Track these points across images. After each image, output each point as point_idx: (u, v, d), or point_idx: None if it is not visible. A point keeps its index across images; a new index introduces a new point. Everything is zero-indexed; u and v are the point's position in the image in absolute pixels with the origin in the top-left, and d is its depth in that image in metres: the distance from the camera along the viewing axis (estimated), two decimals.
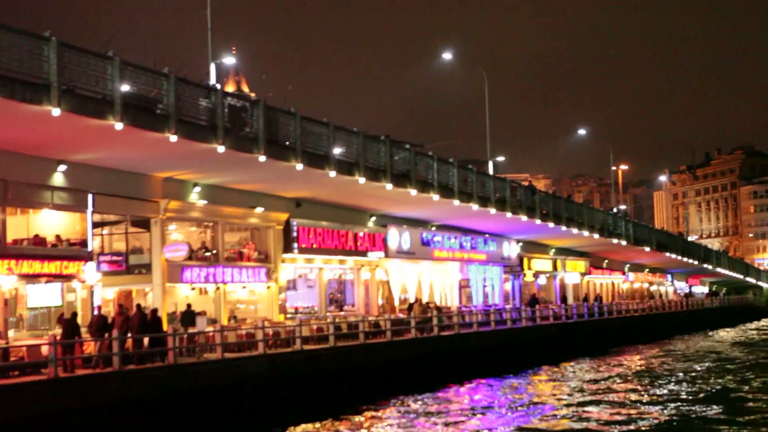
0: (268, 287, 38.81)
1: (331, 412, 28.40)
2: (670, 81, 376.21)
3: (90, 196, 30.62)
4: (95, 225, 31.79)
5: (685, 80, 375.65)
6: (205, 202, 35.62)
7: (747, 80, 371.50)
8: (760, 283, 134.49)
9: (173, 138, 28.35)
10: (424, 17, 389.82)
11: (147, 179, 33.35)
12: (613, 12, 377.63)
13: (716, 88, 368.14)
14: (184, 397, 25.10)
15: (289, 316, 38.85)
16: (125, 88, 26.63)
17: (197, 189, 35.26)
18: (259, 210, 38.29)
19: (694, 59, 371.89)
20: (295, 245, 39.77)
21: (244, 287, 38.23)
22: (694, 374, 41.06)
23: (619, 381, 38.39)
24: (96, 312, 27.66)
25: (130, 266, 33.76)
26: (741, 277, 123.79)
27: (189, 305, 31.31)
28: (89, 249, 30.71)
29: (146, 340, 26.66)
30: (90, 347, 26.37)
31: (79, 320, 27.11)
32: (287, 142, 33.93)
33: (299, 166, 34.29)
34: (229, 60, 59.64)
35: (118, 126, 26.28)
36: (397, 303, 46.55)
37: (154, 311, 28.69)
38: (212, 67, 39.38)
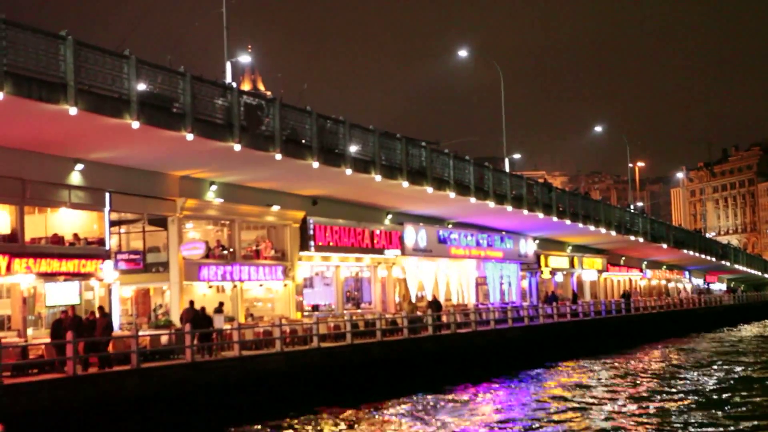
0: (285, 285, 38.87)
1: (350, 406, 28.44)
2: (687, 77, 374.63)
3: (107, 195, 30.77)
4: (113, 223, 31.93)
5: (703, 76, 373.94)
6: (222, 200, 35.69)
7: (765, 75, 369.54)
8: None
9: (190, 136, 28.42)
10: (437, 10, 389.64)
11: (164, 178, 33.44)
12: (631, 6, 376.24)
13: (734, 83, 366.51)
14: (201, 393, 25.21)
15: (306, 313, 38.88)
16: (141, 87, 26.72)
17: (214, 187, 35.34)
18: (275, 208, 38.34)
19: (712, 55, 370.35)
20: (312, 243, 39.80)
21: (260, 285, 38.30)
22: (714, 371, 40.86)
23: (638, 378, 38.24)
24: (69, 314, 25.94)
25: (147, 264, 33.89)
26: (759, 273, 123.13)
27: (192, 302, 30.74)
28: (107, 247, 30.84)
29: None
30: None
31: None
32: (303, 140, 33.95)
33: (315, 164, 34.31)
34: (245, 58, 59.92)
35: (135, 125, 26.38)
36: (413, 300, 46.44)
37: (104, 313, 26.89)
38: (228, 66, 39.43)
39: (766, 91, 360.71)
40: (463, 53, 60.59)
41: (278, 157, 32.38)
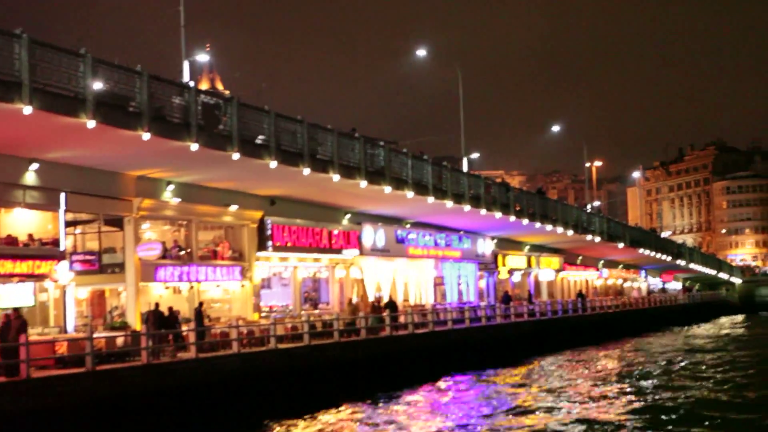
0: (243, 286, 38.71)
1: (307, 409, 28.42)
2: (644, 77, 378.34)
3: (62, 195, 30.40)
4: (68, 224, 31.57)
5: (659, 76, 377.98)
6: (179, 200, 35.43)
7: (720, 76, 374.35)
8: (732, 279, 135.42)
9: (146, 136, 28.19)
10: (399, 12, 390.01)
11: (120, 177, 33.13)
12: (588, 8, 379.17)
13: (689, 84, 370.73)
14: (157, 397, 25.02)
15: (263, 314, 38.74)
16: (98, 85, 26.42)
17: (171, 187, 35.07)
18: (233, 208, 38.16)
19: (668, 55, 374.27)
20: (270, 243, 39.67)
21: (218, 286, 38.11)
22: (667, 370, 41.36)
23: (592, 377, 38.60)
24: (11, 316, 24.86)
25: (103, 265, 33.49)
26: (714, 273, 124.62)
27: (157, 304, 30.90)
28: (62, 248, 30.48)
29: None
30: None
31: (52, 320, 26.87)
32: (261, 140, 33.82)
33: (273, 164, 34.19)
34: (203, 57, 59.40)
35: (91, 124, 26.08)
36: (371, 300, 46.43)
37: (18, 314, 25.48)
38: (186, 65, 39.19)
39: (722, 90, 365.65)
40: (422, 53, 60.63)
41: (236, 156, 32.21)
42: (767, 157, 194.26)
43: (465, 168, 59.19)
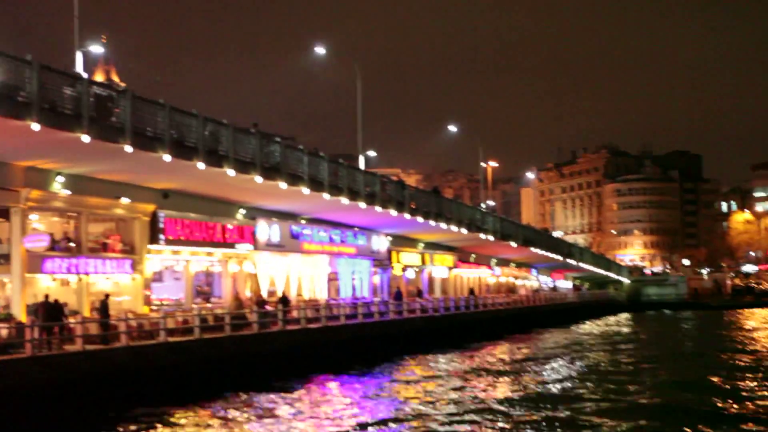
0: (133, 279, 38.35)
1: (194, 400, 28.45)
2: (540, 81, 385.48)
3: None
4: None
5: (555, 80, 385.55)
6: (69, 192, 34.92)
7: (613, 81, 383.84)
8: (620, 278, 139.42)
9: (35, 126, 27.77)
10: (299, 10, 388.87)
11: (8, 168, 32.50)
12: (485, 10, 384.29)
13: (584, 89, 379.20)
14: (43, 389, 24.76)
15: (154, 308, 38.46)
16: None
17: (60, 178, 34.55)
18: (124, 201, 37.77)
19: (562, 61, 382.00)
20: (162, 237, 39.36)
21: (107, 279, 37.67)
22: (556, 366, 42.51)
23: (481, 374, 39.44)
24: None
25: None
26: (603, 272, 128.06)
27: (47, 296, 30.56)
28: None
29: None
30: None
31: None
32: (155, 133, 33.60)
33: (167, 157, 34.00)
34: (98, 49, 58.30)
35: None
36: (265, 295, 46.48)
37: None
38: (78, 56, 38.62)
39: (615, 94, 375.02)
40: (320, 50, 60.85)
41: (128, 149, 31.94)
42: (657, 162, 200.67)
43: (362, 166, 59.63)
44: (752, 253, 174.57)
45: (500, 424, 25.88)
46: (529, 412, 28.03)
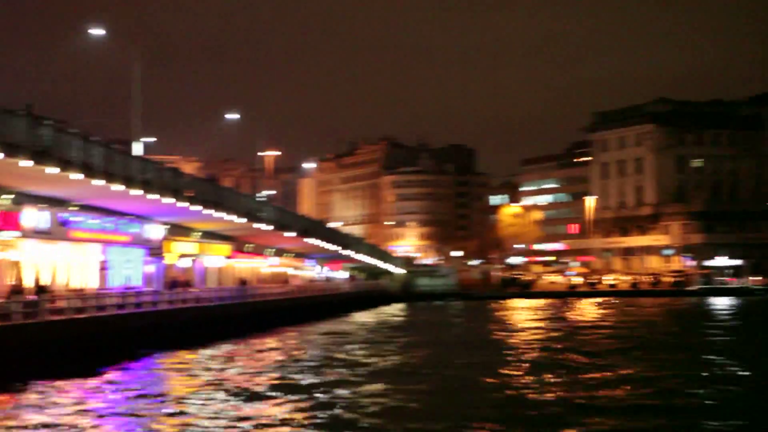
0: None
1: None
2: (322, 71, 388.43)
3: None
4: None
5: (337, 72, 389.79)
6: None
7: (392, 75, 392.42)
8: (394, 270, 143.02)
9: None
10: None
11: None
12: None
13: (365, 81, 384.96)
14: None
15: None
16: None
17: None
18: None
19: (345, 52, 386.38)
20: None
21: None
22: (323, 357, 43.36)
23: (254, 366, 39.72)
24: None
25: None
26: (378, 263, 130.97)
27: None
28: None
29: None
30: None
31: None
32: None
33: None
34: None
35: None
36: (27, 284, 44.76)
37: None
38: None
39: (394, 86, 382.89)
40: (98, 32, 59.07)
41: None
42: (433, 155, 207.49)
43: (140, 152, 58.39)
44: (519, 246, 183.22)
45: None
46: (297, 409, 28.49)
